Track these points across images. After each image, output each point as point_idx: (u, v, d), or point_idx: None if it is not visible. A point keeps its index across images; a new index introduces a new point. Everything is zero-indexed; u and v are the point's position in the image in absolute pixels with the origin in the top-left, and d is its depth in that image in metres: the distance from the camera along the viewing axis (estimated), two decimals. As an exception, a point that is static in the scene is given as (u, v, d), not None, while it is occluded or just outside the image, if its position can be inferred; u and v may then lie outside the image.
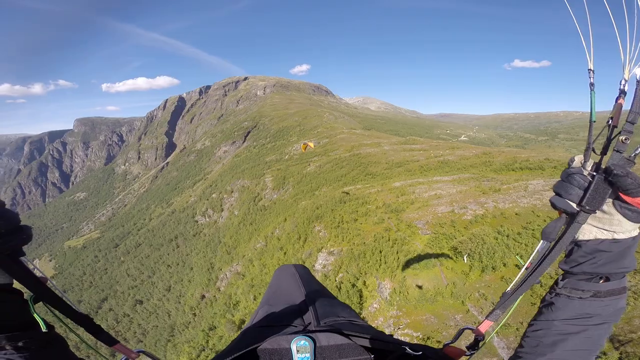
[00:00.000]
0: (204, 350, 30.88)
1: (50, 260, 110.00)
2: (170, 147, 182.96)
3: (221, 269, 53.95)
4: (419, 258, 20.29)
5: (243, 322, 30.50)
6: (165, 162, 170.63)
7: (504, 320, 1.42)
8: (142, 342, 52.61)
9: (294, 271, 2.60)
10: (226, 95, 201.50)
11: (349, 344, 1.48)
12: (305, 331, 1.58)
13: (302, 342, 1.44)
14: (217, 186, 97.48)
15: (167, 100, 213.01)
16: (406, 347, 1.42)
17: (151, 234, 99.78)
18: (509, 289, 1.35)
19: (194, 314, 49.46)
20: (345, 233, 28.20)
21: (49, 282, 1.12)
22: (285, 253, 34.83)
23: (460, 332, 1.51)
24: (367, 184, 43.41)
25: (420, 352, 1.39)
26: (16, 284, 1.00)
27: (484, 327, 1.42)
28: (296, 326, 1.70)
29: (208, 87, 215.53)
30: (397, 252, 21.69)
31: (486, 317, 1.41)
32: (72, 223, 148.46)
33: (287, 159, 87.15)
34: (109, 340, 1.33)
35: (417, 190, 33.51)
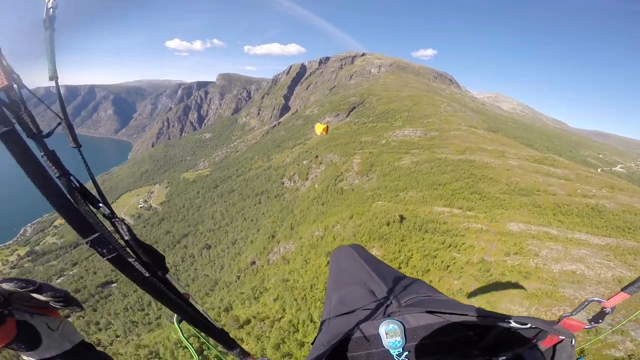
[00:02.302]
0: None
1: (166, 187, 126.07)
2: (285, 109, 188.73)
3: (279, 242, 49.12)
4: None
5: (248, 322, 24.38)
6: (278, 121, 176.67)
7: None
8: (188, 286, 53.47)
9: (352, 251, 2.33)
10: (342, 68, 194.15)
11: (442, 322, 1.37)
12: (389, 313, 1.48)
13: (391, 325, 1.36)
14: (311, 154, 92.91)
15: (291, 66, 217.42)
16: (511, 321, 1.22)
17: (245, 183, 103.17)
18: None
19: (238, 277, 46.55)
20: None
21: (191, 298, 1.13)
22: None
23: (584, 304, 1.27)
24: (470, 209, 29.86)
25: (529, 325, 1.20)
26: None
27: (615, 301, 1.18)
28: (376, 309, 1.56)
29: (327, 59, 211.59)
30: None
31: (622, 289, 1.15)
32: (194, 157, 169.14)
33: (383, 143, 75.42)
34: (242, 354, 1.32)
35: (544, 250, 19.63)
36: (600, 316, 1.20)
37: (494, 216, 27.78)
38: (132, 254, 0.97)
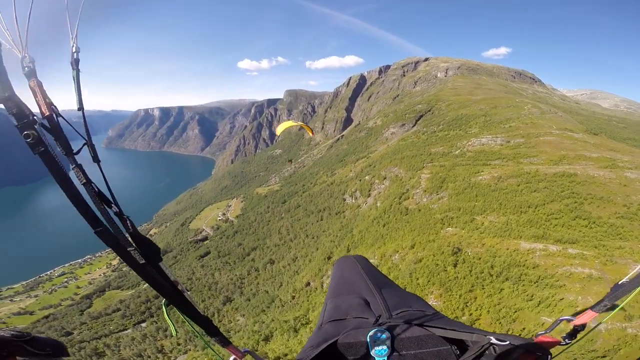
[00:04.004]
0: None
1: (242, 202, 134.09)
2: (347, 121, 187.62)
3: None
4: None
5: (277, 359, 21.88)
6: (341, 134, 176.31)
7: (614, 311, 1.26)
8: (249, 300, 53.89)
9: (355, 262, 2.45)
10: (404, 75, 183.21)
11: (428, 335, 1.42)
12: (379, 323, 1.53)
13: (378, 334, 1.40)
14: (375, 168, 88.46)
15: (350, 78, 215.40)
16: (491, 337, 1.31)
17: (309, 199, 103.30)
18: (624, 279, 1.19)
19: (293, 297, 44.65)
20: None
21: (179, 285, 1.29)
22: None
23: (556, 323, 1.36)
24: (573, 241, 22.47)
25: (507, 342, 1.27)
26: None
27: (585, 318, 1.27)
28: (367, 318, 1.65)
29: (387, 67, 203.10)
30: None
31: (590, 308, 1.25)
32: (266, 173, 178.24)
33: (457, 154, 67.04)
34: (223, 341, 1.45)
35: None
36: (573, 333, 1.28)
37: (609, 254, 20.36)
38: (132, 244, 1.13)
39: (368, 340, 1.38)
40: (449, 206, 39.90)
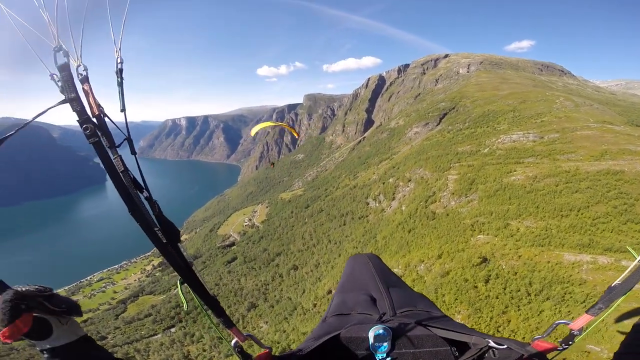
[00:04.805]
0: None
1: (267, 207, 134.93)
2: (369, 123, 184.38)
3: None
4: None
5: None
6: (363, 136, 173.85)
7: (605, 314, 1.28)
8: (272, 307, 53.34)
9: (367, 260, 2.48)
10: (424, 73, 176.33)
11: (428, 335, 1.45)
12: (382, 321, 1.58)
13: (380, 331, 1.42)
14: (399, 170, 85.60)
15: (369, 79, 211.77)
16: (490, 340, 1.33)
17: (332, 203, 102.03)
18: (616, 282, 1.22)
19: (314, 305, 43.51)
20: None
21: (193, 266, 1.42)
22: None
23: (553, 327, 1.39)
24: (626, 250, 20.02)
25: (505, 346, 1.30)
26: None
27: (581, 322, 1.29)
28: (371, 314, 1.70)
29: (406, 66, 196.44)
30: None
31: (586, 312, 1.27)
32: (290, 178, 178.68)
33: (486, 152, 63.23)
34: (228, 323, 1.53)
35: None
36: (569, 338, 1.30)
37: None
38: (157, 224, 1.26)
39: (370, 336, 1.40)
40: (479, 210, 37.20)
